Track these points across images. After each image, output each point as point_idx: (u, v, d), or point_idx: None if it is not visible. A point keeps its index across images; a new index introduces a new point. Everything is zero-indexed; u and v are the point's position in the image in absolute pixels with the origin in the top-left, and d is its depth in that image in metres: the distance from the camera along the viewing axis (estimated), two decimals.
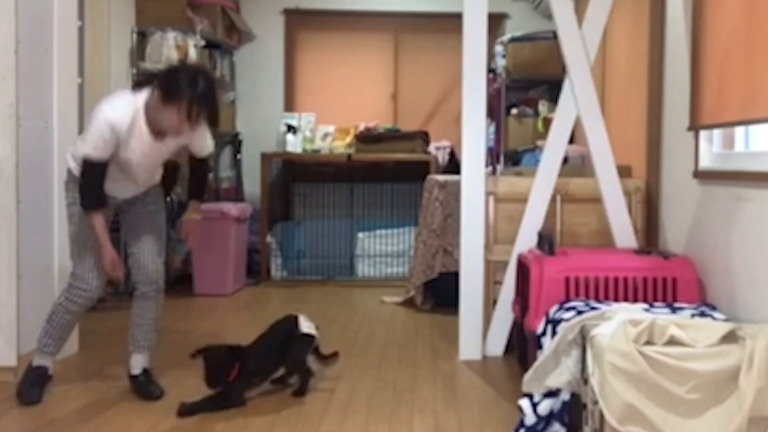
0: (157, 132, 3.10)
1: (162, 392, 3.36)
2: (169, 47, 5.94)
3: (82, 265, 3.23)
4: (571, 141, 4.13)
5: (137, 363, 3.41)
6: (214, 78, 3.09)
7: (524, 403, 2.78)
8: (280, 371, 3.40)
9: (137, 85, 3.20)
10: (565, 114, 3.93)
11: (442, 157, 6.53)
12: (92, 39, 5.25)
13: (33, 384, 3.29)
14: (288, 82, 7.18)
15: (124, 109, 3.05)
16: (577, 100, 3.87)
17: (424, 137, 6.51)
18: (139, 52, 5.95)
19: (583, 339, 2.66)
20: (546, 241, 3.53)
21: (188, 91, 2.93)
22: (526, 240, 3.84)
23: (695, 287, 3.29)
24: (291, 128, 6.50)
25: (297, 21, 7.18)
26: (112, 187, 3.22)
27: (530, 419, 2.76)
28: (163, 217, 3.49)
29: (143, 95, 3.09)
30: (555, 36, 4.13)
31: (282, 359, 3.36)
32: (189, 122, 2.99)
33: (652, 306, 3.04)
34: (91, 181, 3.12)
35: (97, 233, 3.15)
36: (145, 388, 3.36)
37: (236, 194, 6.88)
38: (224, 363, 3.19)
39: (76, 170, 3.18)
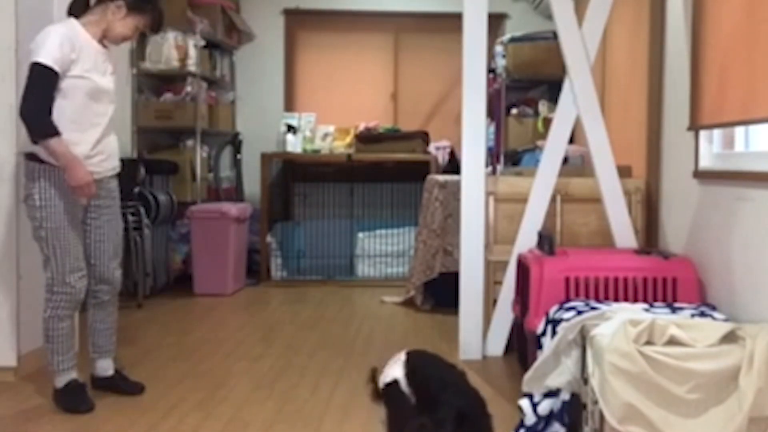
0: (100, 38, 3.18)
1: (143, 386, 3.36)
2: (169, 47, 5.95)
3: (60, 267, 3.08)
4: (571, 141, 4.13)
5: (107, 367, 3.37)
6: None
7: (524, 403, 2.78)
8: None
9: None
10: (565, 114, 3.93)
11: (442, 157, 6.53)
12: None
13: (76, 396, 3.17)
14: (288, 82, 7.18)
15: (64, 25, 3.12)
16: (577, 100, 3.87)
17: (424, 137, 6.51)
18: (139, 52, 5.95)
19: (583, 339, 2.66)
20: (546, 241, 3.52)
21: (153, 4, 3.27)
22: (526, 240, 3.84)
23: (695, 287, 3.29)
24: (291, 128, 6.50)
25: (297, 21, 7.18)
26: (86, 149, 3.09)
27: (530, 419, 2.76)
28: (120, 217, 3.41)
29: (71, 21, 3.16)
30: (555, 36, 4.13)
31: None
32: (142, 30, 3.29)
33: (652, 306, 3.04)
34: (39, 94, 2.97)
35: (62, 154, 2.99)
36: (125, 384, 3.36)
37: (236, 194, 6.88)
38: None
39: (36, 149, 3.03)
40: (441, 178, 5.34)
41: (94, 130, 3.13)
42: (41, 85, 2.99)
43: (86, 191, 3.07)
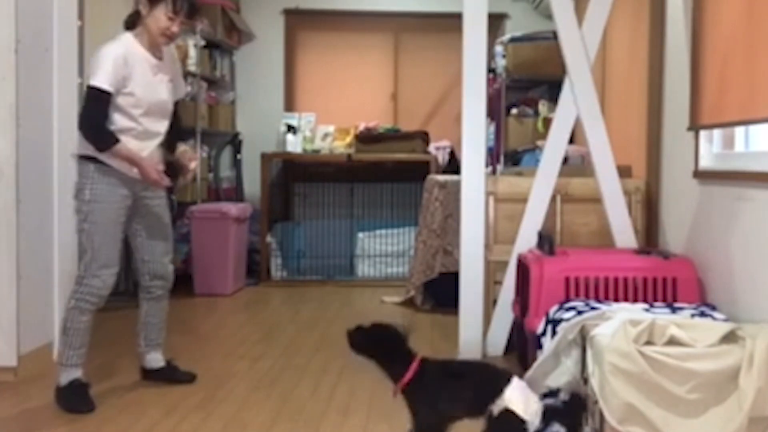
0: (152, 46, 3.25)
1: (194, 375, 3.53)
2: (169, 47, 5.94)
3: (95, 260, 3.17)
4: (571, 141, 4.13)
5: (158, 358, 3.54)
6: None
7: None
8: None
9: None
10: (565, 114, 3.93)
11: (442, 157, 6.53)
12: (92, 39, 5.24)
13: (78, 396, 3.19)
14: (288, 82, 7.17)
15: (117, 43, 3.20)
16: (577, 100, 3.87)
17: (424, 137, 6.51)
18: None
19: (583, 339, 2.66)
20: (546, 241, 3.53)
21: None
22: (526, 240, 3.84)
23: (695, 287, 3.29)
24: (291, 128, 6.50)
25: (297, 21, 7.18)
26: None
27: None
28: (169, 214, 3.55)
29: (126, 35, 3.24)
30: (555, 36, 4.12)
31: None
32: (176, 17, 3.21)
33: (652, 306, 3.04)
34: (94, 113, 3.11)
35: (127, 155, 3.15)
36: (177, 374, 3.52)
37: (236, 194, 6.88)
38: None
39: (89, 149, 3.14)
40: (441, 178, 5.34)
41: (144, 144, 3.23)
42: (96, 107, 3.13)
43: (159, 183, 3.26)
